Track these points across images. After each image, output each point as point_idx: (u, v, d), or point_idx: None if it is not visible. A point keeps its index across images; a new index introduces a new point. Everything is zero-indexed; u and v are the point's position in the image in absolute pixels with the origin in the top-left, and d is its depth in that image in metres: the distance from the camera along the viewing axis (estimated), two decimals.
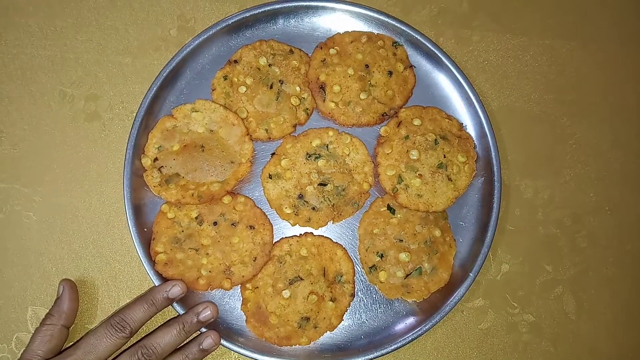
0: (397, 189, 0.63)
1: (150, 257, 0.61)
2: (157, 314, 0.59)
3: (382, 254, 0.63)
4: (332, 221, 0.64)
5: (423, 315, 0.63)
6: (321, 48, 0.67)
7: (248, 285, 0.62)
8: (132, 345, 0.56)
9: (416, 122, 0.65)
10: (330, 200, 0.63)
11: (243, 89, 0.64)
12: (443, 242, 0.64)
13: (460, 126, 0.67)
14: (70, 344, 0.57)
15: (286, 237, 0.64)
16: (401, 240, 0.63)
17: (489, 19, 0.73)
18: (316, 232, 0.64)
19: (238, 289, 0.63)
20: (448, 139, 0.65)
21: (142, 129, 0.63)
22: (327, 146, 0.65)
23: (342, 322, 0.63)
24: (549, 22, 0.73)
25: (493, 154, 0.65)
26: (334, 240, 0.64)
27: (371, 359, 0.61)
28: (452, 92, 0.68)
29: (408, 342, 0.61)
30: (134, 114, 0.63)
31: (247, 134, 0.64)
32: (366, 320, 0.64)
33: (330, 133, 0.65)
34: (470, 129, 0.67)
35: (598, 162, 0.71)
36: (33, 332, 0.57)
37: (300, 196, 0.63)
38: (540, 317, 0.67)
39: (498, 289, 0.67)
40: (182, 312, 0.60)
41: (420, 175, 0.63)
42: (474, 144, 0.67)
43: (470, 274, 0.63)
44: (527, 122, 0.71)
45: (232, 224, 0.62)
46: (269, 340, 0.61)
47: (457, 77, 0.67)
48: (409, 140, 0.64)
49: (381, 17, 0.67)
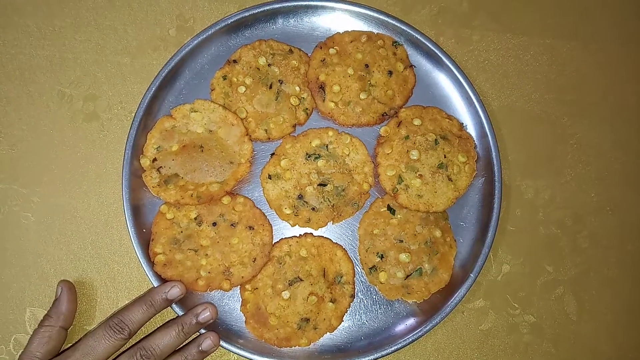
0: (397, 189, 0.63)
1: (149, 258, 0.60)
2: (156, 315, 0.59)
3: (382, 255, 0.63)
4: (332, 222, 0.64)
5: (423, 316, 0.63)
6: (321, 48, 0.67)
7: (247, 286, 0.62)
8: (131, 347, 0.56)
9: (416, 122, 0.65)
10: (330, 201, 0.63)
11: (242, 89, 0.64)
12: (443, 242, 0.64)
13: (461, 126, 0.67)
14: (69, 345, 0.57)
15: (286, 238, 0.64)
16: (401, 241, 0.63)
17: (489, 18, 0.72)
18: (316, 233, 0.64)
19: (237, 290, 0.62)
20: (448, 139, 0.65)
21: (141, 129, 0.63)
22: (326, 146, 0.64)
23: (342, 323, 0.62)
24: (550, 21, 0.73)
25: (494, 154, 0.65)
26: (334, 241, 0.64)
27: None
28: (453, 91, 0.68)
29: (408, 344, 0.61)
30: (133, 114, 0.63)
31: (247, 134, 0.63)
32: (366, 321, 0.64)
33: (330, 133, 0.65)
34: (471, 129, 0.67)
35: (599, 162, 0.71)
36: (31, 333, 0.57)
37: (300, 196, 0.63)
38: (541, 318, 0.67)
39: (499, 290, 0.67)
40: (181, 313, 0.59)
41: (420, 176, 0.63)
42: (475, 144, 0.67)
43: (471, 275, 0.63)
44: (528, 122, 0.71)
45: (232, 225, 0.62)
46: (268, 342, 0.61)
47: (457, 77, 0.66)
48: (409, 140, 0.64)
49: (381, 17, 0.67)
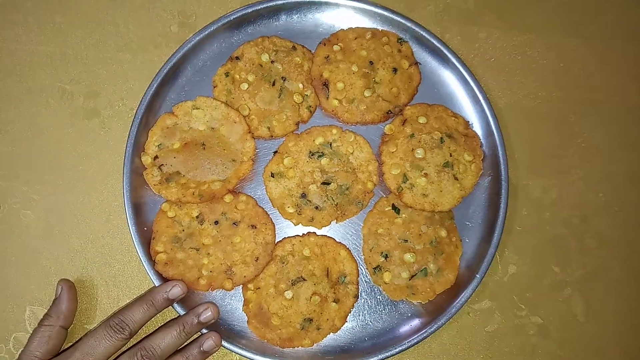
0: (402, 188, 0.63)
1: (150, 257, 0.60)
2: (157, 315, 0.59)
3: (386, 255, 0.62)
4: (335, 221, 0.63)
5: (428, 317, 0.62)
6: (324, 44, 0.66)
7: (250, 286, 0.61)
8: (131, 347, 0.56)
9: (421, 120, 0.65)
10: (333, 200, 0.63)
11: (245, 86, 0.64)
12: (449, 242, 0.63)
13: (467, 124, 0.66)
14: (69, 345, 0.57)
15: (289, 237, 0.63)
16: (406, 241, 0.63)
17: (495, 15, 0.72)
18: (319, 232, 0.64)
19: (239, 289, 0.62)
20: (454, 138, 0.64)
21: (142, 126, 0.63)
22: (330, 144, 0.64)
23: (346, 324, 0.62)
24: (557, 19, 0.73)
25: (500, 152, 0.64)
26: (338, 240, 0.64)
27: None
28: (458, 89, 0.67)
29: (413, 345, 0.61)
30: (134, 111, 0.63)
31: (249, 132, 0.63)
32: (370, 321, 0.63)
33: (334, 131, 0.64)
34: (477, 127, 0.67)
35: (607, 161, 0.70)
36: (31, 332, 0.57)
37: (303, 195, 0.63)
38: (548, 320, 0.66)
39: (505, 291, 0.66)
40: (182, 312, 0.59)
41: (425, 174, 0.63)
42: (481, 142, 0.66)
43: (477, 275, 0.62)
44: (535, 120, 0.70)
45: (234, 224, 0.61)
46: (270, 342, 0.60)
47: (463, 75, 0.66)
48: (414, 138, 0.64)
49: (386, 13, 0.66)
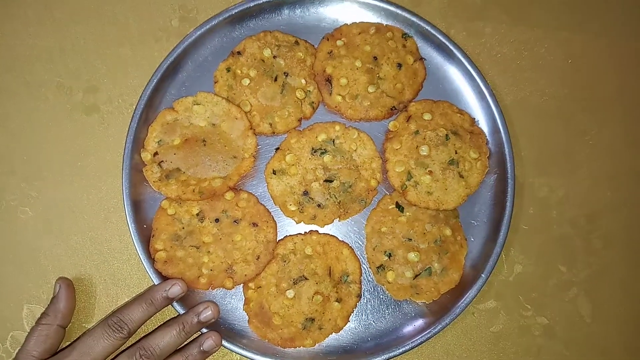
0: (406, 186, 0.62)
1: (150, 255, 0.60)
2: (157, 314, 0.58)
3: (390, 254, 0.62)
4: (338, 219, 0.63)
5: (432, 317, 0.62)
6: (328, 39, 0.66)
7: (251, 285, 0.61)
8: (130, 346, 0.56)
9: (426, 116, 0.64)
10: (336, 197, 0.62)
11: (246, 82, 0.64)
12: (454, 241, 0.63)
13: (472, 121, 0.66)
14: (67, 344, 0.57)
15: (290, 235, 0.63)
16: (410, 240, 0.62)
17: (501, 10, 0.71)
18: (322, 230, 0.63)
19: (240, 288, 0.62)
20: (459, 135, 0.64)
21: (142, 122, 0.62)
22: (333, 141, 0.64)
23: (348, 324, 0.62)
24: (564, 14, 0.72)
25: (506, 150, 0.64)
26: (340, 239, 0.63)
27: None
28: (464, 85, 0.67)
29: (417, 345, 0.60)
30: (134, 106, 0.62)
31: (251, 128, 0.63)
32: (373, 321, 0.63)
33: (337, 127, 0.64)
34: (483, 124, 0.66)
35: (614, 159, 0.70)
36: (28, 331, 0.56)
37: (306, 193, 0.62)
38: (554, 320, 0.66)
39: (510, 291, 0.66)
40: (182, 312, 0.59)
41: (430, 172, 0.62)
42: (487, 139, 0.65)
43: (482, 275, 0.62)
44: (542, 117, 0.69)
45: (235, 221, 0.61)
46: (272, 342, 0.60)
47: (469, 70, 0.66)
48: (418, 135, 0.63)
49: (390, 8, 0.66)
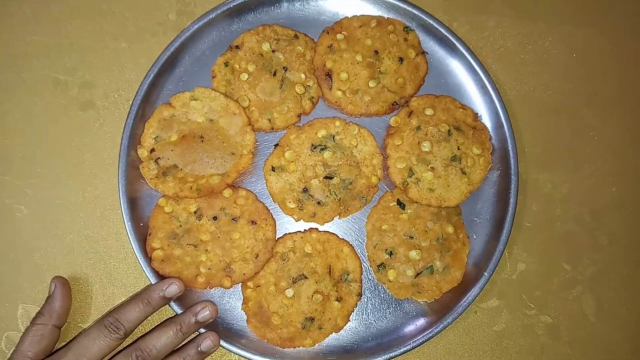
0: (408, 183, 0.62)
1: (146, 254, 0.60)
2: (154, 314, 0.58)
3: (391, 252, 0.62)
4: (338, 216, 0.63)
5: (434, 317, 0.62)
6: (328, 33, 0.65)
7: (249, 284, 0.61)
8: (126, 347, 0.55)
9: (428, 111, 0.64)
10: (336, 195, 0.62)
11: (245, 76, 0.63)
12: (456, 239, 0.62)
13: (475, 116, 0.65)
14: (63, 344, 0.56)
15: (290, 233, 0.63)
16: (411, 237, 0.62)
17: (505, 3, 0.71)
18: (321, 228, 0.63)
19: (239, 287, 0.61)
20: (462, 130, 0.63)
21: (139, 118, 0.62)
22: (333, 137, 0.63)
23: (349, 323, 0.61)
24: (569, 7, 0.72)
25: (510, 146, 0.64)
26: (340, 237, 0.63)
27: None
28: (467, 80, 0.66)
29: (418, 345, 0.60)
30: (130, 102, 0.62)
31: (249, 124, 0.62)
32: (374, 321, 0.62)
33: (337, 123, 0.63)
34: (486, 120, 0.66)
35: (620, 155, 0.69)
36: (23, 331, 0.56)
37: (305, 190, 0.62)
38: (558, 319, 0.65)
39: (514, 289, 0.66)
40: (179, 311, 0.58)
41: (432, 168, 0.62)
42: (490, 135, 0.65)
43: (485, 273, 0.61)
44: (546, 112, 0.69)
45: (233, 219, 0.61)
46: (271, 342, 0.60)
47: (472, 65, 0.65)
48: (420, 131, 0.63)
49: (392, 0, 0.65)
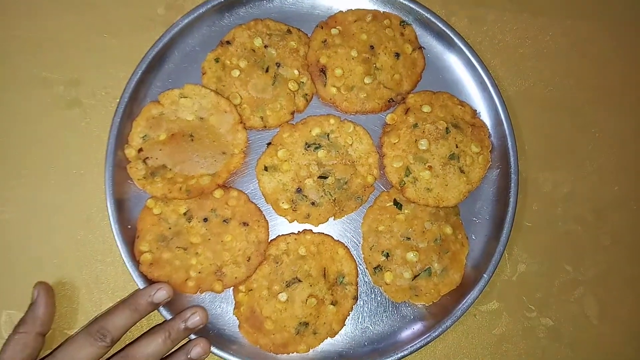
0: (405, 182, 0.61)
1: (134, 257, 0.59)
2: (142, 320, 0.57)
3: (387, 254, 0.61)
4: (333, 217, 0.62)
5: (432, 320, 0.61)
6: (322, 28, 0.65)
7: (241, 288, 0.60)
8: (113, 355, 0.54)
9: (425, 108, 0.63)
10: (331, 195, 0.61)
11: (236, 73, 0.63)
12: (454, 240, 0.62)
13: (474, 113, 0.65)
14: (47, 352, 0.55)
15: (283, 235, 0.62)
16: (409, 238, 0.61)
17: None
18: (316, 230, 0.63)
19: (230, 291, 0.61)
20: (460, 128, 0.63)
21: (126, 116, 0.61)
22: (328, 135, 0.63)
23: (344, 328, 0.61)
24: (570, 1, 0.71)
25: (509, 143, 0.63)
26: (335, 238, 0.63)
27: None
28: (465, 76, 0.66)
29: (416, 350, 0.60)
30: (117, 100, 0.61)
31: (241, 122, 0.62)
32: (370, 325, 0.62)
33: (332, 121, 0.63)
34: (485, 117, 0.66)
35: (622, 152, 0.69)
36: (6, 339, 0.55)
37: (299, 190, 0.61)
38: (559, 321, 0.65)
39: (514, 291, 0.65)
40: (168, 317, 0.58)
41: (429, 167, 0.61)
42: (489, 132, 0.65)
43: (484, 275, 0.61)
44: (546, 109, 0.69)
45: (224, 221, 0.60)
46: (264, 348, 0.59)
47: (470, 60, 0.65)
48: (417, 128, 0.62)
49: None
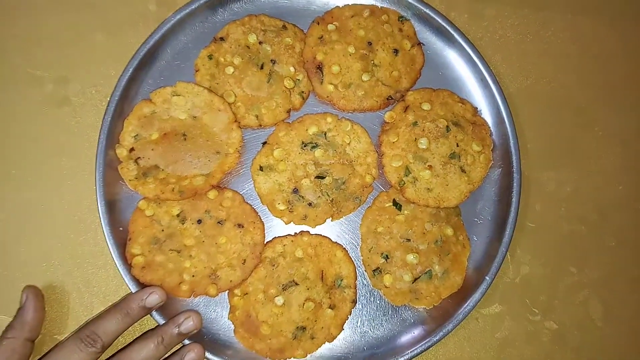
0: (404, 182, 0.61)
1: (126, 260, 0.58)
2: (135, 324, 0.56)
3: (387, 256, 0.61)
4: (330, 218, 0.62)
5: (433, 324, 0.61)
6: (318, 23, 0.64)
7: (236, 291, 0.60)
8: None
9: (425, 106, 0.63)
10: (328, 195, 0.61)
11: (230, 70, 0.62)
12: (455, 241, 0.62)
13: (475, 111, 0.65)
14: (37, 358, 0.54)
15: (279, 237, 0.62)
16: (408, 240, 0.61)
17: None
18: (313, 231, 0.62)
19: (225, 295, 0.60)
20: (461, 126, 0.62)
21: (117, 115, 0.61)
22: (325, 134, 0.62)
23: (342, 332, 0.61)
24: None
25: (511, 142, 0.63)
26: (333, 240, 0.62)
27: None
28: (466, 72, 0.66)
29: (416, 355, 0.59)
30: (108, 98, 0.61)
31: (235, 121, 0.61)
32: (369, 329, 0.61)
33: (329, 119, 0.63)
34: (486, 114, 0.65)
35: (627, 151, 0.69)
36: None
37: (295, 190, 0.60)
38: (563, 325, 0.65)
39: (517, 294, 0.65)
40: (161, 322, 0.57)
41: (429, 167, 0.61)
42: (490, 131, 0.64)
43: (486, 277, 0.61)
44: (549, 106, 0.69)
45: (219, 222, 0.60)
46: (260, 353, 0.59)
47: (470, 56, 0.65)
48: (417, 127, 0.62)
49: None
